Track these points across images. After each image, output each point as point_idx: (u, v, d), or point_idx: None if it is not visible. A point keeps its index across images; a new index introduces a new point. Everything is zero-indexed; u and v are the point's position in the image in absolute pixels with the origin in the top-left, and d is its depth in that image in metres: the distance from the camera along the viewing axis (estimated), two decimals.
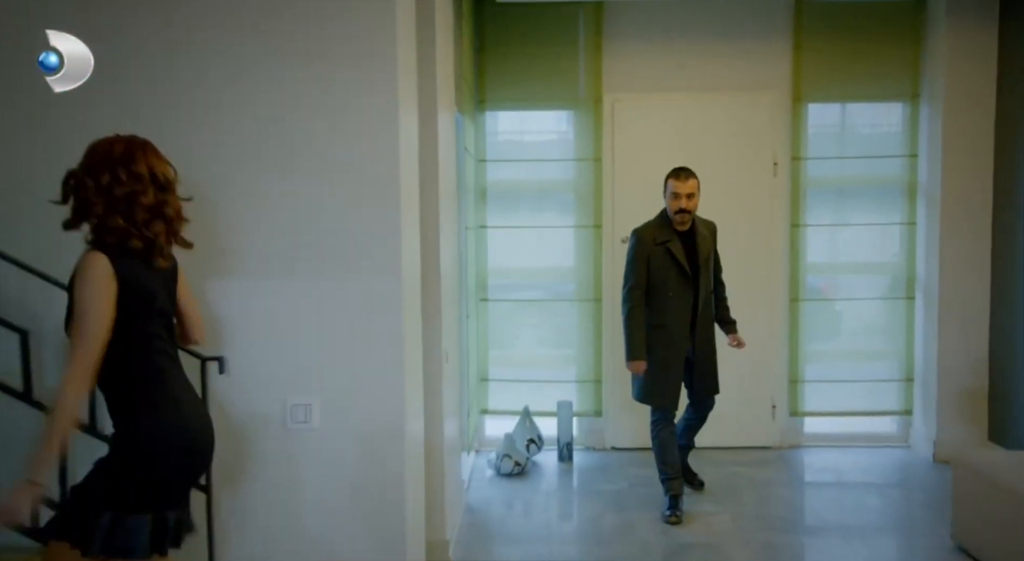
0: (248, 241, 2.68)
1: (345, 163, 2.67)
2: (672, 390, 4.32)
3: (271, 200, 2.68)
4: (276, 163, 2.67)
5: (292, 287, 2.68)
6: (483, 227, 5.46)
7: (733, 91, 5.42)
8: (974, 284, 5.18)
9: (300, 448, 2.71)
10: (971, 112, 5.13)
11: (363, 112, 2.67)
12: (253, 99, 2.65)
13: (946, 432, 5.21)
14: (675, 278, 4.26)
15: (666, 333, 4.29)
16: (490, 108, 5.42)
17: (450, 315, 4.02)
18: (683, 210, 4.25)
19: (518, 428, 5.30)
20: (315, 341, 2.69)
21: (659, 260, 4.29)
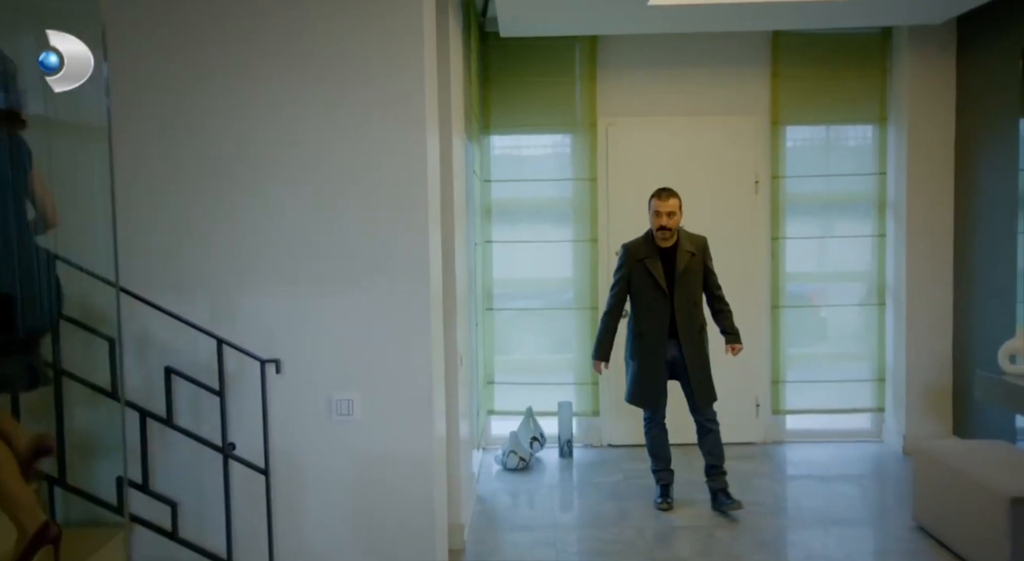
0: (297, 255, 3.12)
1: (381, 188, 3.11)
2: (653, 394, 4.71)
3: (318, 224, 3.13)
4: (322, 190, 3.11)
5: (336, 293, 3.13)
6: (488, 242, 5.91)
7: (717, 115, 5.90)
8: (938, 290, 5.66)
9: (342, 437, 3.15)
10: (933, 134, 5.62)
11: (397, 139, 3.08)
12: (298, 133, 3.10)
13: (914, 427, 5.68)
14: (652, 292, 4.67)
15: (645, 342, 4.71)
16: (494, 132, 5.89)
17: (464, 323, 4.47)
18: (664, 227, 4.63)
19: (522, 427, 5.75)
20: (356, 345, 3.13)
21: (639, 275, 4.73)
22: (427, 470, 3.19)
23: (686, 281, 4.64)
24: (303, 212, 3.11)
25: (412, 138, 3.10)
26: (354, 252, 3.12)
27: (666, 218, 4.62)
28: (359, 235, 3.12)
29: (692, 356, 4.64)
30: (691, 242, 4.71)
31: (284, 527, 3.16)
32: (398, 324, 3.14)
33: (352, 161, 3.10)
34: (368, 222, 3.12)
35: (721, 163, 5.83)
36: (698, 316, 4.70)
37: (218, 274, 3.13)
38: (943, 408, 5.69)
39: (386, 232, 3.12)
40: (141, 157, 3.08)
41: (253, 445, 3.11)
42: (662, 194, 4.67)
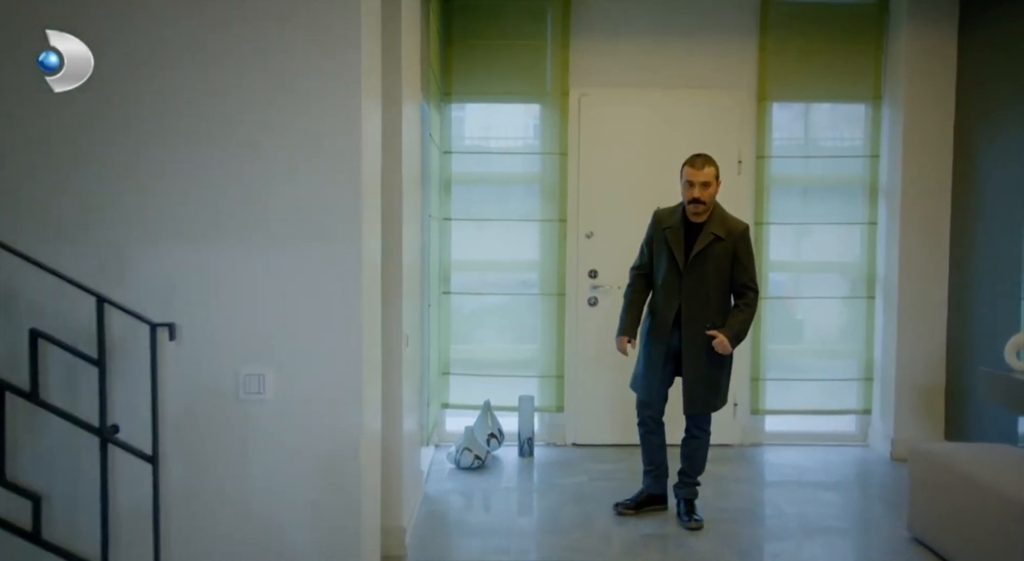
0: (203, 206, 2.61)
1: (307, 143, 2.62)
2: (649, 382, 4.16)
3: (228, 166, 2.61)
4: (238, 140, 2.61)
5: (250, 253, 2.61)
6: (447, 219, 5.42)
7: (699, 89, 5.45)
8: (932, 283, 5.25)
9: (252, 420, 2.63)
10: (931, 114, 5.21)
11: (327, 95, 2.61)
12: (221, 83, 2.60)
13: (903, 430, 5.26)
14: (667, 266, 4.10)
15: (655, 322, 4.16)
16: (456, 100, 5.39)
17: (412, 301, 3.97)
18: (696, 200, 3.99)
19: (479, 422, 5.25)
20: (271, 313, 2.63)
21: (659, 245, 4.17)
22: (354, 463, 2.68)
23: (700, 266, 4.02)
24: (212, 158, 2.60)
25: (343, 95, 2.63)
26: (272, 208, 2.62)
27: (699, 189, 4.00)
28: (279, 191, 2.62)
29: (690, 353, 4.06)
30: (722, 224, 4.05)
31: (175, 528, 2.64)
32: (322, 293, 2.64)
33: (277, 116, 2.62)
34: (291, 178, 2.63)
35: (702, 140, 5.36)
36: (708, 311, 4.04)
37: (106, 222, 2.61)
38: (935, 410, 5.27)
39: (310, 191, 2.63)
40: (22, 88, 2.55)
41: (143, 428, 2.58)
42: (696, 161, 4.05)
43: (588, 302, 5.46)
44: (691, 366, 4.08)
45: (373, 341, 2.96)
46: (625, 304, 4.29)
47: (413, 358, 4.12)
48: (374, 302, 2.99)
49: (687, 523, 4.11)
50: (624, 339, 4.24)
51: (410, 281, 3.91)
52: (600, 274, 5.44)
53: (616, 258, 5.16)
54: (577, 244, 5.45)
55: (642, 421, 4.26)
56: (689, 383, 4.10)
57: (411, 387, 3.98)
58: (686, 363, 4.09)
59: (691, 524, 4.10)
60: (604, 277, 5.43)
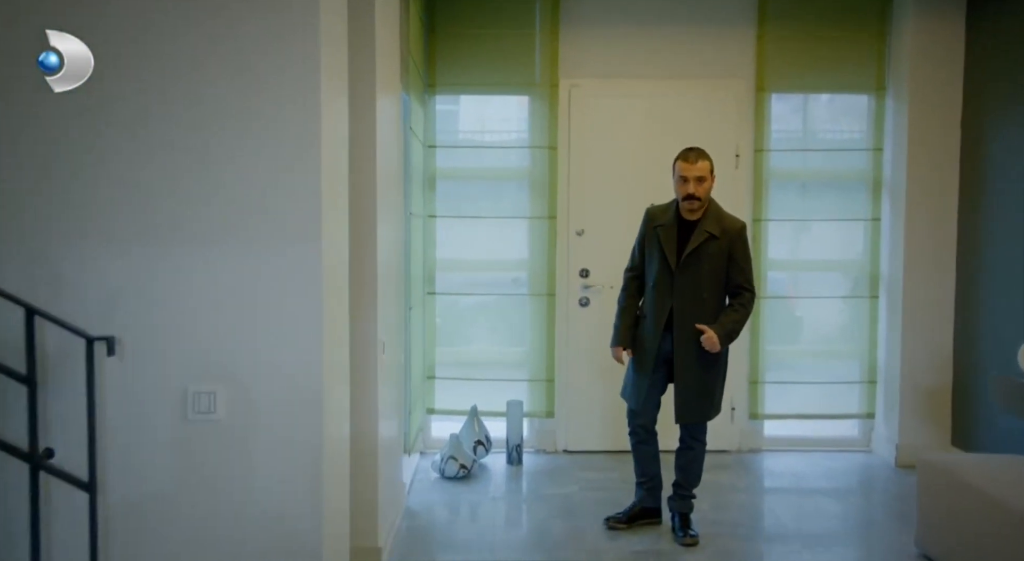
0: (146, 207, 2.37)
1: (261, 130, 2.38)
2: (640, 391, 3.92)
3: (172, 164, 2.37)
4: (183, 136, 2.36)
5: (199, 257, 2.37)
6: (432, 217, 5.18)
7: (694, 79, 5.21)
8: (938, 282, 5.02)
9: (202, 442, 2.40)
10: (937, 106, 4.97)
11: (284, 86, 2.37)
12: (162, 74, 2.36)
13: (908, 436, 5.03)
14: (659, 266, 3.87)
15: (646, 326, 3.93)
16: (440, 92, 5.15)
17: (389, 304, 3.74)
18: (692, 196, 3.76)
19: (465, 429, 5.02)
20: (222, 325, 2.39)
21: (651, 244, 3.94)
22: (315, 486, 2.45)
23: (693, 265, 3.79)
24: (155, 156, 2.36)
25: (301, 86, 2.38)
26: (223, 209, 2.38)
27: (694, 185, 3.76)
28: (230, 190, 2.38)
29: (682, 357, 3.83)
30: (717, 222, 3.82)
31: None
32: (279, 299, 2.40)
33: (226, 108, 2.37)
34: (243, 176, 2.38)
35: (698, 133, 5.11)
36: (702, 313, 3.80)
37: (38, 225, 2.36)
38: (941, 415, 5.05)
39: (265, 190, 2.39)
40: None
41: (81, 452, 2.34)
42: (689, 155, 3.81)
43: (579, 302, 5.23)
44: (683, 372, 3.85)
45: (338, 349, 2.72)
46: (619, 311, 4.06)
47: (393, 363, 3.89)
48: (340, 307, 2.76)
49: (682, 538, 3.89)
50: (619, 349, 4.02)
51: (387, 283, 3.68)
52: (592, 273, 5.21)
53: (608, 257, 4.93)
54: (567, 242, 5.21)
55: (633, 431, 4.03)
56: (681, 390, 3.87)
57: (389, 396, 3.75)
58: (678, 368, 3.86)
59: (686, 539, 3.88)
60: (596, 276, 5.20)
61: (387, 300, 3.66)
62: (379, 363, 3.45)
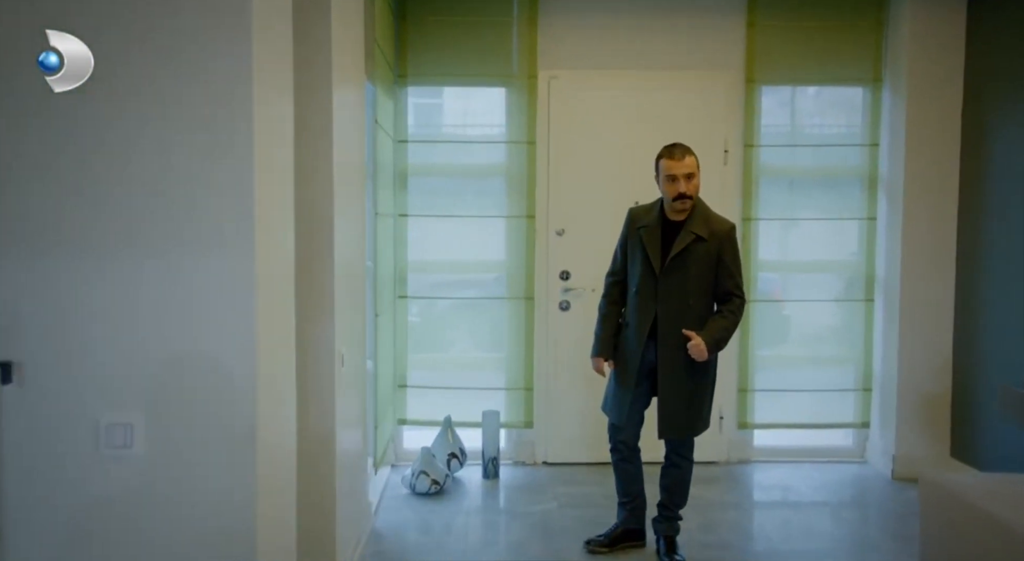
0: (51, 213, 2.07)
1: (183, 123, 2.07)
2: (621, 403, 3.65)
3: (80, 163, 2.07)
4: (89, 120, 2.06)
5: (111, 269, 2.08)
6: (403, 216, 4.88)
7: (680, 71, 4.93)
8: (937, 284, 4.76)
9: (117, 478, 2.10)
10: (937, 99, 4.71)
11: (212, 77, 2.07)
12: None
13: (905, 447, 4.78)
14: (642, 270, 3.60)
15: (628, 334, 3.67)
16: (412, 83, 4.85)
17: (350, 312, 3.45)
18: (683, 195, 3.49)
19: (438, 441, 4.74)
20: (139, 345, 2.09)
21: (634, 247, 3.67)
22: (246, 524, 2.15)
23: (679, 269, 3.53)
24: (59, 153, 2.05)
25: (230, 75, 2.07)
26: (139, 214, 2.07)
27: (684, 183, 3.48)
28: (147, 192, 2.07)
29: (667, 368, 3.56)
30: (704, 223, 3.53)
31: None
32: (205, 314, 2.10)
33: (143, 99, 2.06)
34: (162, 177, 2.07)
35: (684, 128, 4.85)
36: (688, 321, 3.52)
37: None
38: (940, 425, 4.79)
39: (188, 191, 2.08)
40: None
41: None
42: (674, 152, 3.53)
43: (559, 306, 4.95)
44: (668, 384, 3.58)
45: (280, 365, 2.43)
46: (599, 318, 3.78)
47: (356, 373, 3.61)
48: (282, 318, 2.46)
49: None
50: (600, 360, 3.75)
51: (348, 289, 3.39)
52: (573, 275, 4.93)
53: (590, 258, 4.65)
54: (547, 243, 4.93)
55: (615, 447, 3.76)
56: (666, 403, 3.59)
57: (351, 409, 3.46)
58: (663, 380, 3.58)
59: None
60: (577, 279, 4.92)
61: (347, 307, 3.37)
62: (337, 376, 3.16)
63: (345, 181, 3.33)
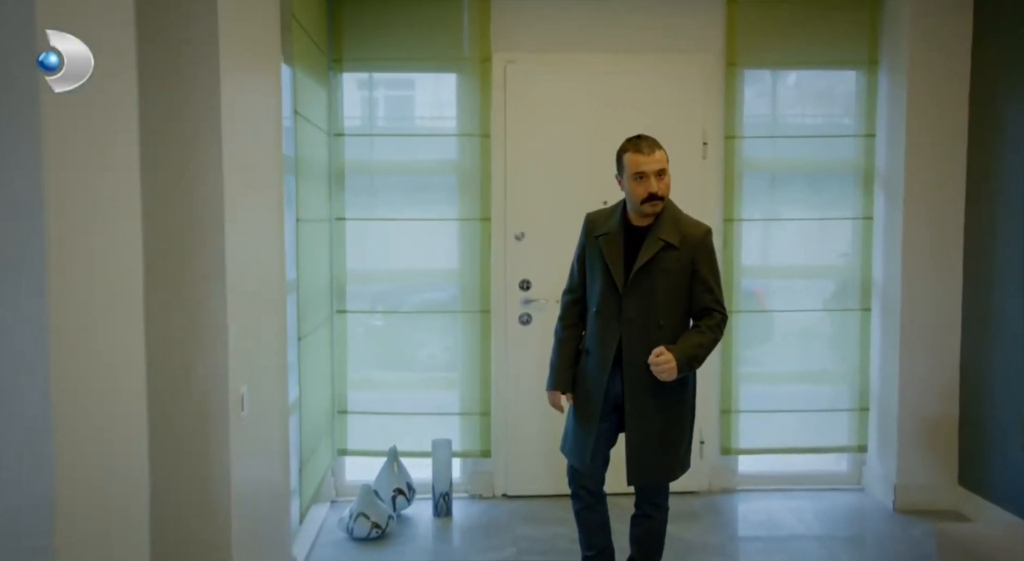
0: None
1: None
2: (583, 443, 3.09)
3: None
4: None
5: None
6: (340, 219, 4.31)
7: (653, 54, 4.37)
8: (943, 291, 4.24)
9: None
10: (941, 82, 4.18)
11: None
12: None
13: (908, 474, 4.26)
14: (602, 288, 3.06)
15: (589, 363, 3.12)
16: (349, 69, 4.27)
17: (258, 339, 2.88)
18: (654, 196, 2.95)
19: (382, 475, 4.18)
20: None
21: (593, 259, 3.13)
22: None
23: (646, 284, 2.98)
24: None
25: None
26: None
27: (656, 181, 2.96)
28: None
29: (636, 402, 3.01)
30: (674, 228, 2.99)
31: None
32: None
33: None
34: None
35: (658, 118, 4.30)
36: (659, 344, 2.94)
37: None
38: (946, 449, 4.28)
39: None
40: None
41: None
42: (642, 145, 3.01)
43: (519, 320, 4.39)
44: (637, 420, 3.03)
45: (113, 429, 1.86)
46: (555, 344, 3.24)
47: (269, 410, 3.04)
48: (103, 370, 1.89)
49: None
50: (557, 394, 3.21)
51: (254, 311, 2.83)
52: (534, 285, 4.37)
53: (554, 265, 4.10)
54: (505, 248, 4.37)
55: (576, 493, 3.22)
56: (635, 443, 3.04)
57: (260, 458, 2.88)
58: (630, 416, 3.04)
59: None
60: (539, 289, 4.36)
61: (252, 333, 2.80)
62: (233, 421, 2.59)
63: (247, 182, 2.76)
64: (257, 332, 2.88)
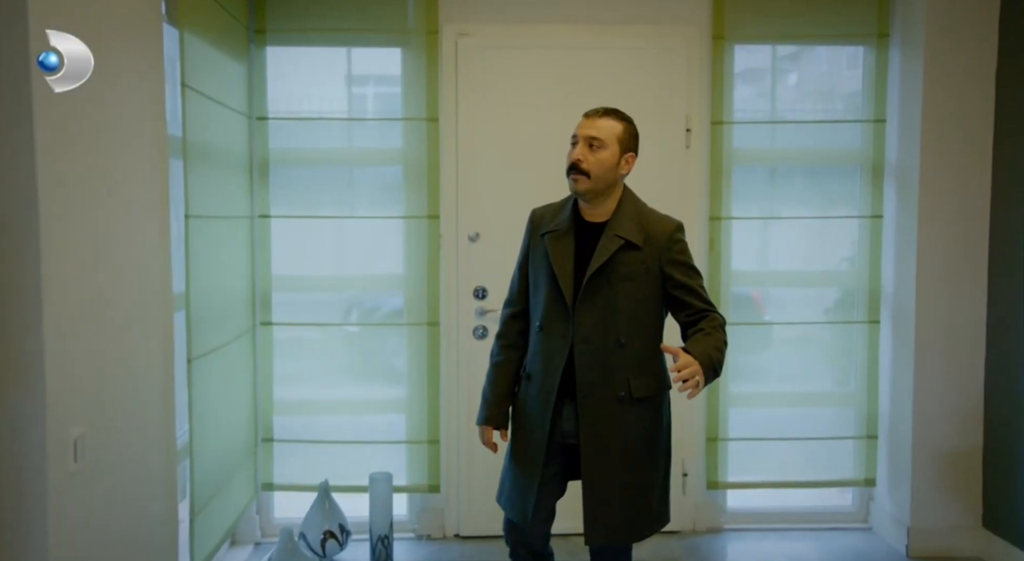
0: None
1: None
2: (523, 495, 2.52)
3: None
4: None
5: None
6: (265, 217, 3.72)
7: (628, 25, 3.78)
8: (963, 302, 3.65)
9: None
10: (962, 59, 3.59)
11: None
12: None
13: (924, 513, 3.67)
14: (547, 298, 2.51)
15: (531, 391, 2.56)
16: (274, 42, 3.68)
17: (113, 365, 2.29)
18: (575, 166, 2.46)
19: (312, 514, 3.60)
20: None
21: (537, 261, 2.59)
22: None
23: (603, 292, 2.44)
24: None
25: None
26: None
27: (583, 147, 2.46)
28: None
29: (592, 442, 2.45)
30: (635, 224, 2.48)
31: None
32: None
33: None
34: None
35: (634, 100, 3.70)
36: (622, 368, 2.44)
37: None
38: (968, 485, 3.69)
39: None
40: None
41: None
42: (595, 111, 2.54)
43: (473, 333, 3.80)
44: (595, 464, 2.46)
45: None
46: (490, 369, 2.69)
47: (156, 448, 2.47)
48: None
49: None
50: (489, 429, 2.64)
51: (100, 333, 2.24)
52: (490, 293, 3.78)
53: (512, 271, 3.49)
54: (457, 251, 3.78)
55: (513, 552, 2.65)
56: (594, 493, 2.45)
57: (122, 514, 2.30)
58: (587, 460, 2.46)
59: None
60: (496, 298, 3.75)
61: (93, 358, 2.21)
62: (55, 471, 2.00)
63: (91, 169, 2.18)
64: (109, 357, 2.29)
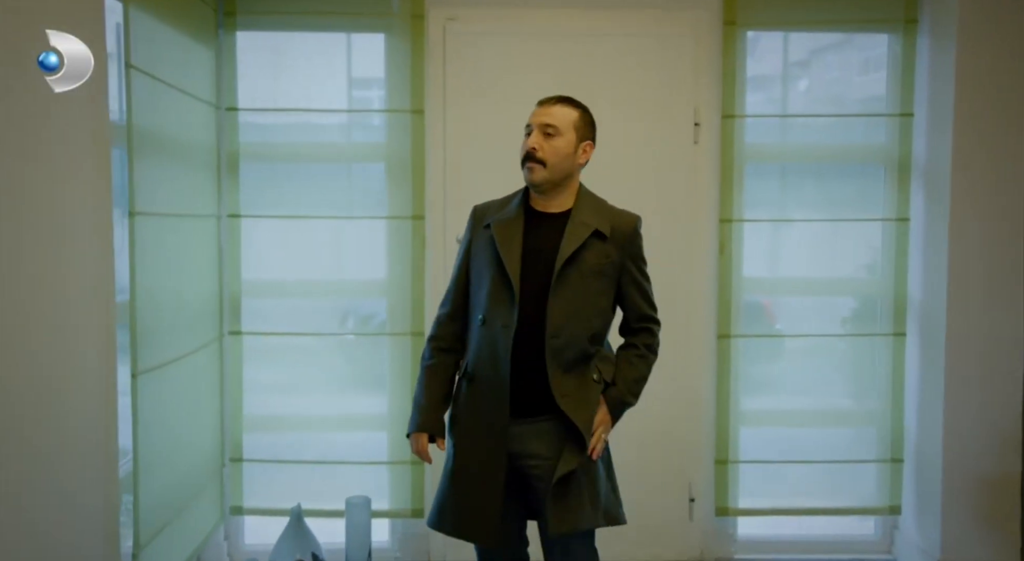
0: None
1: None
2: (467, 511, 2.33)
3: None
4: None
5: None
6: (234, 216, 3.43)
7: (632, 10, 3.50)
8: (1001, 313, 3.34)
9: None
10: (999, 47, 3.30)
11: None
12: None
13: (956, 545, 3.36)
14: (493, 291, 2.32)
15: (473, 394, 2.36)
16: (244, 26, 3.40)
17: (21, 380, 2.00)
18: (530, 155, 2.33)
19: (282, 543, 3.28)
20: None
21: (481, 253, 2.40)
22: None
23: (565, 290, 2.29)
24: None
25: None
26: None
27: (537, 136, 2.35)
28: None
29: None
30: (595, 215, 2.35)
31: None
32: None
33: None
34: None
35: (637, 91, 3.46)
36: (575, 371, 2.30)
37: None
38: (1006, 514, 3.37)
39: None
40: None
41: None
42: (546, 101, 2.42)
43: None
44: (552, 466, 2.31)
45: None
46: (421, 373, 2.49)
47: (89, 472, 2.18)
48: None
49: None
50: (423, 438, 2.43)
51: (37, 350, 1.95)
52: None
53: None
54: (444, 254, 3.49)
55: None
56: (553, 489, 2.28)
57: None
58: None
59: None
60: None
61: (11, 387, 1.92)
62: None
63: (14, 163, 1.89)
64: (29, 379, 1.99)
